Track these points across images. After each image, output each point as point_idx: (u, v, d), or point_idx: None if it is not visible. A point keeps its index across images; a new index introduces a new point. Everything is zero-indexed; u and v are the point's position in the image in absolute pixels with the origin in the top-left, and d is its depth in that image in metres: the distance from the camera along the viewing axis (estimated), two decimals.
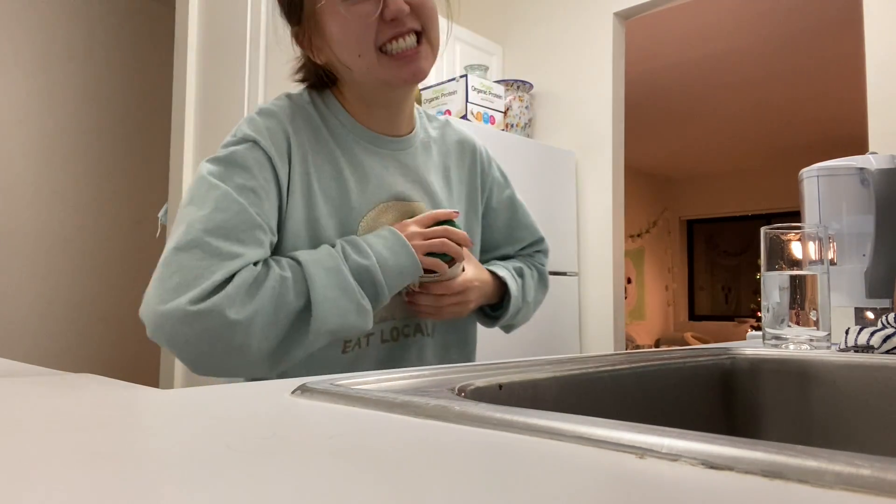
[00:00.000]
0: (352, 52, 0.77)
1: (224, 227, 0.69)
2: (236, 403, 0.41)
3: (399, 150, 0.86)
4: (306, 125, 0.80)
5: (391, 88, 0.81)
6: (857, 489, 0.22)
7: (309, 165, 0.78)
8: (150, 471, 0.25)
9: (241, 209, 0.70)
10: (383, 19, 0.75)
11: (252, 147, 0.74)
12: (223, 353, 0.66)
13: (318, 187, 0.78)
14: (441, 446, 0.30)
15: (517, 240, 1.01)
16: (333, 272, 0.71)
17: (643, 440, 0.28)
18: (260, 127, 0.76)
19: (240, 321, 0.65)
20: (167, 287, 0.67)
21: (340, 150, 0.82)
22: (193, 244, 0.68)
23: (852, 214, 1.01)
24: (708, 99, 5.25)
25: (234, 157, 0.73)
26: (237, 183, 0.72)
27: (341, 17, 0.75)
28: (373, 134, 0.84)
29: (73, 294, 3.26)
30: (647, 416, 0.65)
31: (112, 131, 3.45)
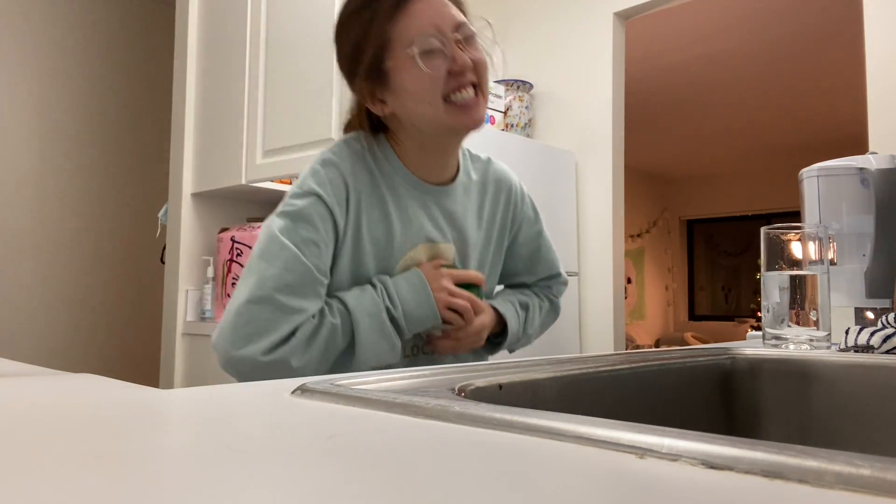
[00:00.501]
0: (422, 102, 0.85)
1: (291, 286, 0.80)
2: (236, 403, 0.41)
3: (441, 196, 0.95)
4: (363, 172, 0.89)
5: (454, 134, 0.90)
6: (857, 489, 0.22)
7: (361, 211, 0.88)
8: (151, 471, 0.25)
9: (306, 270, 0.81)
10: (451, 73, 0.84)
11: (316, 201, 0.84)
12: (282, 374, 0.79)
13: (367, 231, 0.88)
14: (441, 446, 0.30)
15: (536, 272, 1.10)
16: (375, 318, 0.84)
17: (643, 440, 0.28)
18: (323, 180, 0.85)
19: (300, 367, 0.79)
20: (240, 334, 0.78)
21: (390, 195, 0.90)
22: (265, 300, 0.79)
23: (852, 214, 1.01)
24: (708, 99, 5.25)
25: (301, 213, 0.83)
26: (303, 237, 0.82)
27: (415, 72, 0.83)
28: (420, 181, 0.93)
29: (73, 294, 3.26)
30: (647, 416, 0.65)
31: (112, 131, 3.45)
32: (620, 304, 2.77)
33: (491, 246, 1.02)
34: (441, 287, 0.88)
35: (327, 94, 1.96)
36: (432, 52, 0.84)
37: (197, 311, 2.41)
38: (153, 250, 3.09)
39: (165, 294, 2.45)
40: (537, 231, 1.09)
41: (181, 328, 2.38)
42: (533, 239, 1.08)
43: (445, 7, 0.86)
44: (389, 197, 0.90)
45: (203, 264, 2.42)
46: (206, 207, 2.46)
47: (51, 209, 3.21)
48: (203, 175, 2.40)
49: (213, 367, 2.49)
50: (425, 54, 0.83)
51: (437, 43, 0.84)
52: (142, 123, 3.54)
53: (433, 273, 0.90)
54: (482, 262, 1.02)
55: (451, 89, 0.84)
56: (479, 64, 0.87)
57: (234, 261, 2.29)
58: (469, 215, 0.98)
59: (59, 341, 3.19)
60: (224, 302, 2.32)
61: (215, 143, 2.36)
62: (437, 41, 0.84)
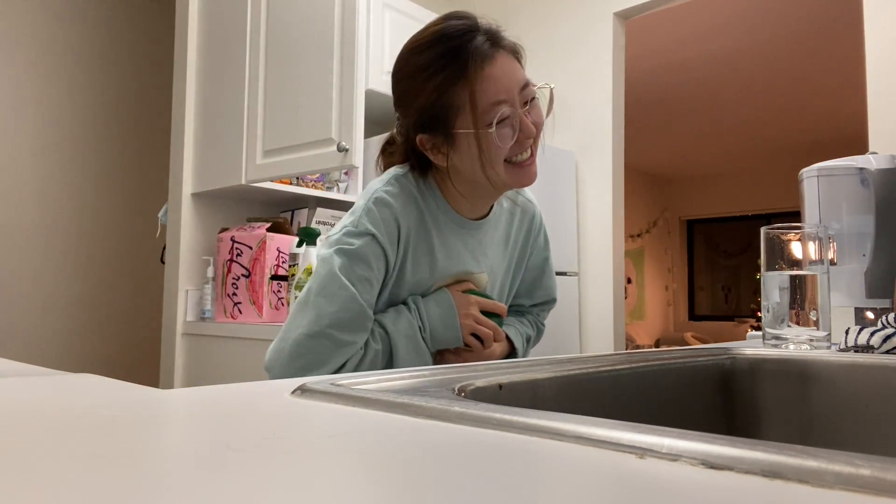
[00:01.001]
0: (486, 166, 0.88)
1: (346, 323, 0.85)
2: (236, 403, 0.41)
3: (476, 230, 0.99)
4: (413, 210, 0.93)
5: (505, 189, 0.94)
6: (857, 489, 0.22)
7: (409, 247, 0.92)
8: (151, 471, 0.25)
9: (360, 309, 0.86)
10: (519, 141, 0.87)
11: (371, 241, 0.88)
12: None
13: (411, 265, 0.93)
14: (441, 446, 0.30)
15: (535, 296, 1.14)
16: (412, 339, 0.90)
17: (643, 440, 0.28)
18: (377, 220, 0.89)
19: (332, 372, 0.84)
20: (297, 365, 0.84)
21: (435, 231, 0.94)
22: (322, 335, 0.85)
23: (852, 214, 1.01)
24: (708, 99, 5.25)
25: (358, 252, 0.87)
26: (358, 275, 0.87)
27: (485, 140, 0.86)
28: (461, 218, 0.97)
29: (73, 294, 3.26)
30: (647, 416, 0.65)
31: (112, 131, 3.45)
32: (620, 304, 2.77)
33: (511, 271, 1.07)
34: (468, 314, 0.94)
35: (327, 94, 1.96)
36: (503, 121, 0.85)
37: (197, 311, 2.41)
38: (153, 250, 3.09)
39: (165, 294, 2.45)
40: (544, 258, 1.12)
41: (181, 328, 2.38)
42: (539, 265, 1.12)
43: (515, 71, 0.88)
44: (435, 233, 0.94)
45: (203, 264, 2.42)
46: (206, 207, 2.46)
47: (51, 209, 3.21)
48: (203, 175, 2.40)
49: (213, 367, 2.49)
50: (498, 124, 0.85)
51: (507, 112, 0.85)
52: (142, 123, 3.54)
53: (462, 299, 0.95)
54: (503, 286, 1.06)
55: (513, 154, 0.88)
56: (539, 127, 0.89)
57: (234, 261, 2.29)
58: (498, 244, 1.04)
59: (59, 341, 3.19)
60: (224, 302, 2.32)
61: (215, 143, 2.36)
62: (508, 110, 0.85)
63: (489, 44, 0.86)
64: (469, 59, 0.84)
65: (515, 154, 0.88)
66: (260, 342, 2.05)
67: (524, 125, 0.87)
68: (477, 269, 0.99)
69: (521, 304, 1.14)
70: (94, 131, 3.38)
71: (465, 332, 0.94)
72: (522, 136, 0.87)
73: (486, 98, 0.85)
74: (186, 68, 2.46)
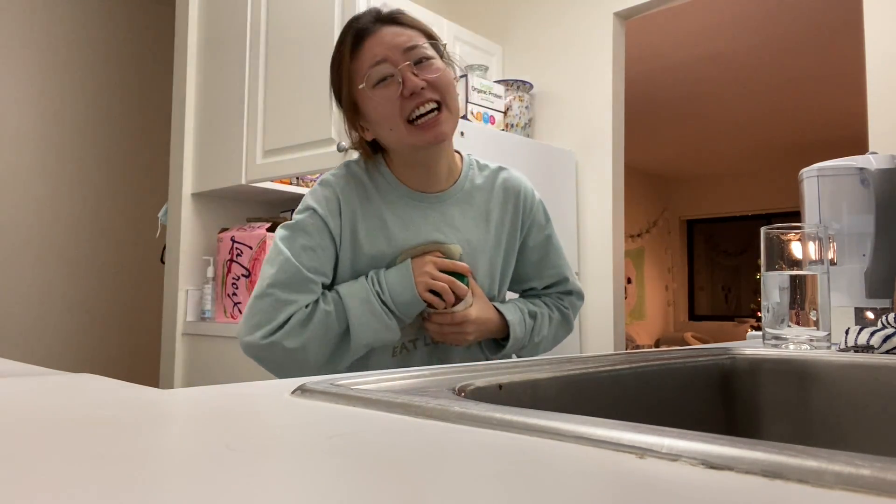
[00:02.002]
0: (385, 127, 0.95)
1: (284, 283, 0.93)
2: (236, 403, 0.41)
3: (437, 203, 1.03)
4: (357, 188, 1.00)
5: (419, 150, 0.97)
6: (857, 489, 0.22)
7: (357, 221, 0.98)
8: (151, 471, 0.25)
9: (296, 270, 0.94)
10: (404, 96, 0.92)
11: (312, 214, 0.97)
12: (290, 367, 0.94)
13: (364, 238, 0.99)
14: (441, 446, 0.30)
15: (544, 277, 1.13)
16: (365, 301, 0.94)
17: (643, 440, 0.28)
18: (319, 197, 0.98)
19: (295, 348, 0.92)
20: (248, 324, 0.94)
21: (386, 205, 1.00)
22: (265, 295, 0.93)
23: (852, 214, 1.01)
24: (708, 99, 5.25)
25: (298, 224, 0.97)
26: (300, 244, 0.95)
27: (373, 102, 0.94)
28: (413, 191, 1.02)
29: (73, 294, 3.26)
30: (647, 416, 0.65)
31: (112, 131, 3.45)
32: (620, 304, 2.77)
33: (501, 250, 1.07)
34: (423, 272, 0.95)
35: (327, 94, 1.96)
36: (384, 80, 0.93)
37: (197, 311, 2.41)
38: (153, 250, 3.09)
39: (165, 294, 2.45)
40: (546, 235, 1.12)
41: (181, 328, 2.38)
42: (542, 244, 1.11)
43: (396, 36, 0.94)
44: (385, 207, 1.00)
45: (203, 264, 2.42)
46: (206, 207, 2.46)
47: (51, 209, 3.21)
48: (203, 175, 2.40)
49: (213, 367, 2.49)
50: (378, 85, 0.93)
51: (387, 71, 0.92)
52: (142, 123, 3.54)
53: (419, 260, 0.97)
54: (493, 266, 1.06)
55: (410, 110, 0.92)
56: (436, 82, 0.93)
57: (234, 261, 2.29)
58: (473, 218, 1.04)
59: (59, 341, 3.19)
60: (224, 302, 2.32)
61: (215, 143, 2.36)
62: (387, 69, 0.92)
63: (371, 19, 0.96)
64: (349, 34, 0.95)
65: (412, 112, 0.92)
66: None
67: (407, 80, 0.91)
68: (444, 240, 1.01)
69: (533, 287, 1.14)
70: (93, 131, 3.38)
71: (421, 289, 0.95)
72: (406, 91, 0.91)
73: (365, 62, 0.93)
74: (186, 68, 2.46)
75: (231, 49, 2.32)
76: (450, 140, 0.99)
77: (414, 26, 0.97)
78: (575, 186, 2.82)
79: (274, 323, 0.92)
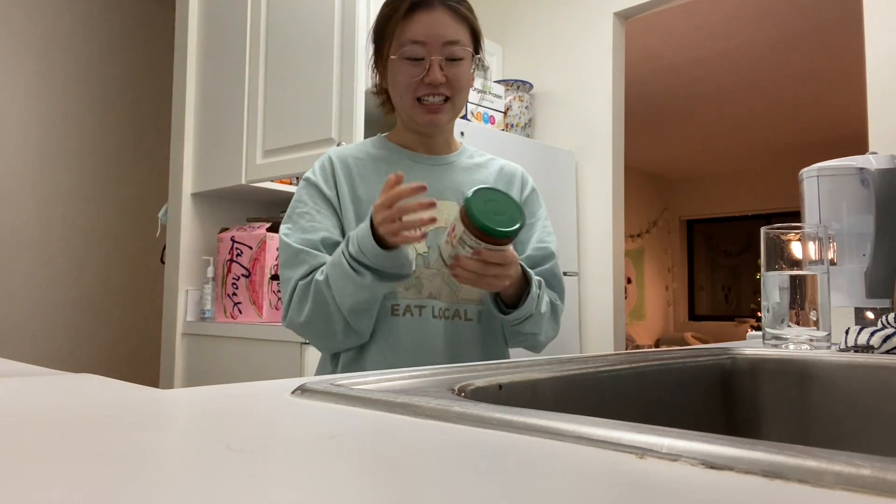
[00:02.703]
0: (397, 94, 1.03)
1: (284, 264, 1.00)
2: (236, 403, 0.41)
3: (438, 165, 1.08)
4: (356, 154, 1.07)
5: (414, 125, 1.05)
6: (857, 489, 0.22)
7: (356, 183, 1.04)
8: (150, 471, 0.25)
9: (286, 247, 1.00)
10: (423, 81, 0.99)
11: (306, 185, 1.05)
12: (319, 339, 1.01)
13: (364, 194, 1.03)
14: (441, 446, 0.30)
15: (528, 247, 1.10)
16: (337, 265, 0.94)
17: (643, 440, 0.28)
18: (314, 169, 1.06)
19: (305, 322, 0.97)
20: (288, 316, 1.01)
21: (388, 166, 1.04)
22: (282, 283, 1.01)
23: (852, 214, 1.01)
24: (708, 99, 5.25)
25: (298, 201, 1.03)
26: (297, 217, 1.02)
27: (396, 69, 1.01)
28: (415, 153, 1.08)
29: (73, 294, 3.26)
30: (647, 416, 0.65)
31: (112, 131, 3.45)
32: (620, 304, 2.77)
33: None
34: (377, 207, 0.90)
35: (327, 94, 1.96)
36: (415, 60, 0.99)
37: (197, 311, 2.41)
38: (153, 250, 3.09)
39: (165, 294, 2.45)
40: (532, 212, 1.12)
41: (181, 328, 2.38)
42: (532, 224, 1.11)
43: (444, 26, 0.99)
44: (388, 168, 1.02)
45: (203, 264, 2.42)
46: (206, 207, 2.46)
47: (51, 209, 3.21)
48: (203, 175, 2.40)
49: (213, 367, 2.49)
50: (409, 60, 0.99)
51: (420, 53, 0.99)
52: (142, 123, 3.54)
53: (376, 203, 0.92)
54: None
55: (422, 94, 1.00)
56: (454, 82, 1.01)
57: (233, 261, 2.29)
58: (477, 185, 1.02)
59: (58, 341, 3.19)
60: (224, 302, 2.32)
61: (215, 143, 2.36)
62: (420, 52, 0.99)
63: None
64: (408, 2, 1.00)
65: (424, 95, 1.00)
66: (260, 342, 2.05)
67: (432, 70, 0.98)
68: (448, 197, 1.04)
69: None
70: (94, 131, 3.38)
71: (379, 224, 0.89)
72: (427, 79, 0.98)
73: (406, 35, 0.99)
74: (186, 68, 2.46)
75: (231, 49, 2.32)
76: (447, 125, 1.06)
77: (466, 20, 1.02)
78: (575, 186, 2.82)
79: (284, 303, 1.00)
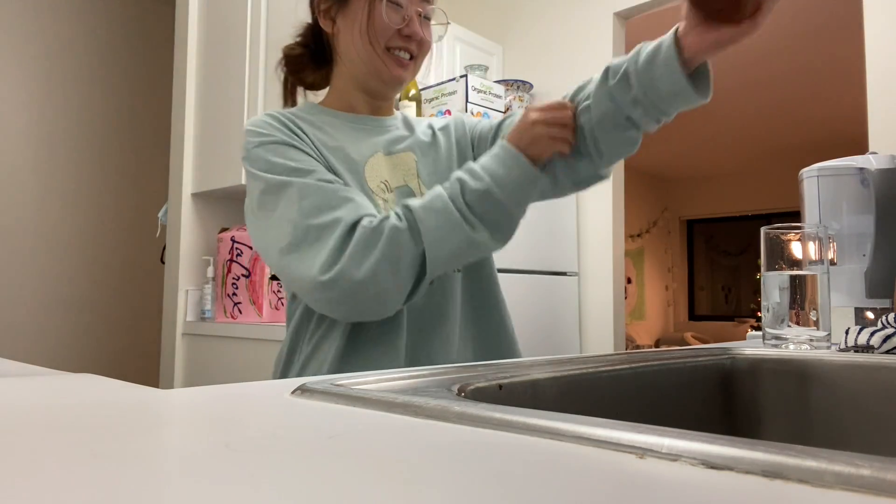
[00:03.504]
0: (366, 41, 0.92)
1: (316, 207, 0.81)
2: (236, 403, 0.41)
3: (380, 126, 1.00)
4: (295, 118, 0.94)
5: (379, 80, 0.95)
6: (857, 489, 0.22)
7: (311, 137, 0.91)
8: (150, 471, 0.25)
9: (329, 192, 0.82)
10: (400, 32, 0.92)
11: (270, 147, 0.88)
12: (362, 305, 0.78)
13: (324, 150, 0.91)
14: (441, 446, 0.30)
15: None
16: (442, 213, 0.79)
17: (643, 440, 0.28)
18: (262, 130, 0.90)
19: (363, 279, 0.76)
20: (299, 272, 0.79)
21: (329, 126, 0.96)
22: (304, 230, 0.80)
23: (852, 214, 1.01)
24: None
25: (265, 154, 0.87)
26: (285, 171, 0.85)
27: (377, 13, 0.91)
28: (355, 115, 0.99)
29: (73, 294, 3.26)
30: (647, 416, 0.65)
31: (112, 131, 3.45)
32: (620, 304, 2.77)
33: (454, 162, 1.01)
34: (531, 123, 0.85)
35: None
36: (397, 6, 0.92)
37: (197, 311, 2.41)
38: (153, 250, 3.09)
39: (165, 294, 2.45)
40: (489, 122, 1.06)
41: (181, 328, 2.38)
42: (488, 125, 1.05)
43: None
44: (328, 128, 0.95)
45: (203, 264, 2.42)
46: (206, 207, 2.46)
47: (51, 209, 3.21)
48: (203, 175, 2.40)
49: (213, 367, 2.49)
50: (391, 4, 0.92)
51: (404, 1, 0.92)
52: (142, 123, 3.54)
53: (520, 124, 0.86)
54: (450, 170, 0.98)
55: (395, 45, 0.93)
56: (424, 44, 0.96)
57: (234, 261, 2.29)
58: (419, 137, 1.01)
59: (59, 341, 3.19)
60: (224, 302, 2.32)
61: (215, 143, 2.36)
62: (404, 1, 0.92)
63: None
64: None
65: (397, 47, 0.93)
66: (260, 342, 2.05)
67: (413, 22, 0.93)
68: (402, 148, 0.98)
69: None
70: (94, 131, 3.38)
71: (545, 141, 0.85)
72: (406, 30, 0.92)
73: None
74: (186, 68, 2.46)
75: (231, 49, 2.32)
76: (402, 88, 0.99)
77: None
78: None
79: (326, 253, 0.77)
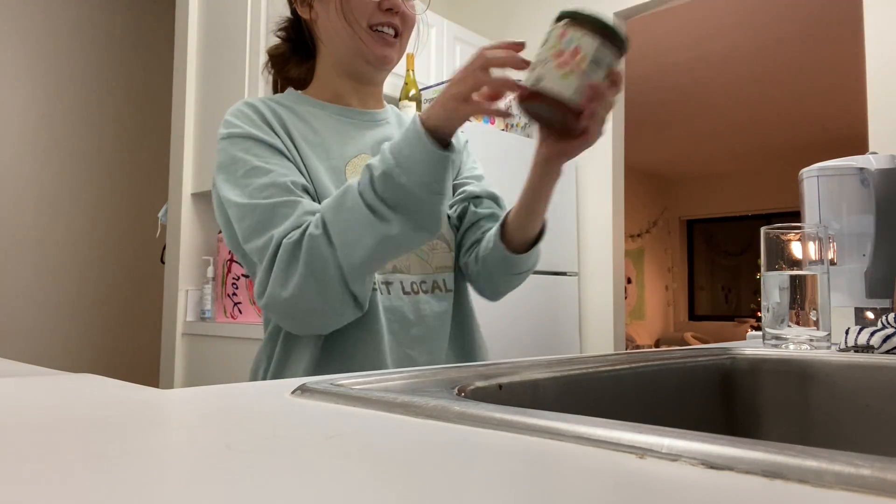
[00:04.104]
0: (346, 20, 0.87)
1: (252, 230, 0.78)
2: (236, 403, 0.41)
3: (369, 121, 0.96)
4: (278, 106, 0.90)
5: (364, 61, 0.90)
6: (857, 489, 0.22)
7: (290, 129, 0.87)
8: (151, 471, 0.25)
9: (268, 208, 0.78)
10: (380, 7, 0.87)
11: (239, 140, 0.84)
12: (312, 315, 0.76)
13: (304, 144, 0.87)
14: (441, 446, 0.30)
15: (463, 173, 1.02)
16: (351, 210, 0.73)
17: (643, 440, 0.28)
18: (234, 121, 0.86)
19: (288, 297, 0.74)
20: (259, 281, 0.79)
21: (313, 119, 0.91)
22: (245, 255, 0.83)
23: (852, 214, 1.01)
24: (708, 99, 5.25)
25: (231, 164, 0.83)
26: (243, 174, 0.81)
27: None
28: (342, 107, 0.94)
29: (73, 294, 3.26)
30: (647, 416, 0.65)
31: (112, 131, 3.45)
32: (620, 304, 2.77)
33: None
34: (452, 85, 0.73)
35: None
36: None
37: (197, 311, 2.41)
38: (153, 250, 3.09)
39: (165, 294, 2.45)
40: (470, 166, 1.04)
41: (181, 328, 2.38)
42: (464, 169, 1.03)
43: None
44: (312, 119, 0.90)
45: (203, 264, 2.42)
46: (206, 207, 2.46)
47: (51, 209, 3.21)
48: (203, 175, 2.40)
49: (213, 367, 2.49)
50: None
51: None
52: (142, 123, 3.54)
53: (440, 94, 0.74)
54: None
55: (377, 22, 0.88)
56: (408, 18, 0.90)
57: (234, 261, 2.29)
58: None
59: (58, 341, 3.19)
60: (224, 302, 2.32)
61: (215, 143, 2.36)
62: None
63: None
64: None
65: (379, 23, 0.88)
66: (260, 342, 2.05)
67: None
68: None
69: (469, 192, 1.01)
70: (94, 131, 3.38)
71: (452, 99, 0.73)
72: (386, 3, 0.87)
73: None
74: (186, 68, 2.46)
75: (231, 49, 2.32)
76: (392, 68, 0.93)
77: None
78: (575, 187, 2.82)
79: (258, 277, 0.77)
